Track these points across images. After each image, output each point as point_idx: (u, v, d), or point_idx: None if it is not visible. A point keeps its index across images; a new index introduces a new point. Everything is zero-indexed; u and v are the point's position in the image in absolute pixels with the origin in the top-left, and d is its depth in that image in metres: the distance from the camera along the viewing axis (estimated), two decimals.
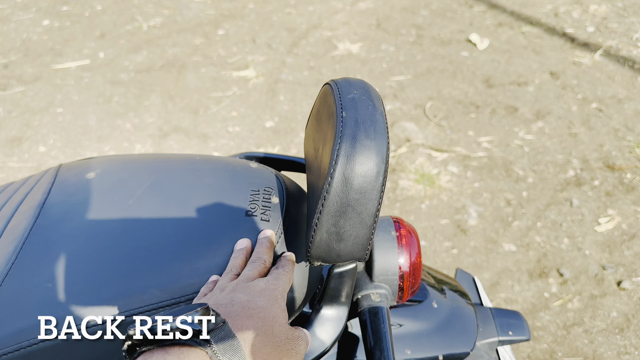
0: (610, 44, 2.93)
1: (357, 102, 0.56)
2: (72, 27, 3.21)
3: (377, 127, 0.54)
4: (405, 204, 2.07)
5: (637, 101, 2.52)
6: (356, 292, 0.68)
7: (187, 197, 0.65)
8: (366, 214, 0.53)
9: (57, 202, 0.68)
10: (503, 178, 2.16)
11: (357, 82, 0.60)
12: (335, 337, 0.60)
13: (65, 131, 2.45)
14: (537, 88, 2.64)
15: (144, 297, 0.57)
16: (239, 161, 0.72)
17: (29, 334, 0.55)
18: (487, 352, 0.80)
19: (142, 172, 0.69)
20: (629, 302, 1.72)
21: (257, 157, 0.86)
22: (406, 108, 2.54)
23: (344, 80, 0.60)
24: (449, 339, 0.74)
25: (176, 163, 0.71)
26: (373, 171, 0.52)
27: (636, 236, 1.91)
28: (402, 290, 0.68)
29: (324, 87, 0.62)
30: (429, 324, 0.74)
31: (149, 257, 0.59)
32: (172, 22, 3.25)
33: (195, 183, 0.67)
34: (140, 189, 0.67)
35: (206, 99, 2.63)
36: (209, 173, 0.68)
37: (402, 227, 0.70)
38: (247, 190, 0.65)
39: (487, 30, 3.11)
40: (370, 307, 0.66)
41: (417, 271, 0.69)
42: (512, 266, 1.85)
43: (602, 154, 2.25)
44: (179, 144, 2.36)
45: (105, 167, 0.73)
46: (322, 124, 0.60)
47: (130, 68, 2.85)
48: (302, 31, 3.15)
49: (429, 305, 0.75)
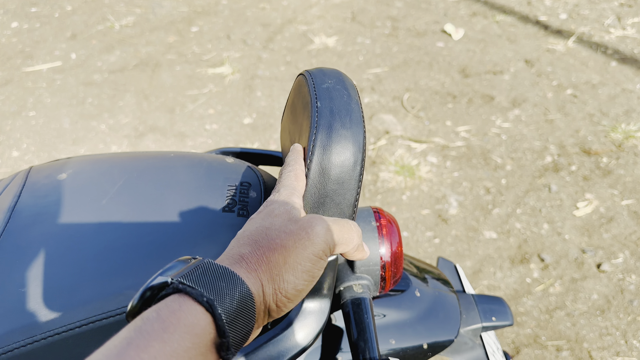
0: (583, 30, 2.97)
1: (331, 92, 0.55)
2: (42, 29, 3.15)
3: (353, 116, 0.53)
4: (386, 195, 2.07)
5: (611, 86, 2.55)
6: (338, 284, 0.67)
7: (162, 194, 0.63)
8: (345, 204, 0.52)
9: (28, 205, 0.66)
10: (482, 167, 2.18)
11: (331, 72, 0.59)
12: (318, 330, 0.59)
13: (39, 135, 2.40)
14: (512, 76, 2.66)
15: (120, 299, 0.56)
16: (214, 157, 0.71)
17: (3, 341, 0.53)
18: (471, 338, 0.80)
19: (114, 171, 0.68)
20: (609, 284, 1.75)
21: (233, 152, 0.85)
22: (384, 100, 2.54)
23: (318, 70, 0.59)
24: (432, 327, 0.74)
25: (150, 160, 0.70)
26: (350, 161, 0.51)
27: (614, 219, 1.94)
28: (384, 280, 0.68)
29: (298, 77, 0.62)
30: (413, 313, 0.74)
31: (124, 258, 0.58)
32: (145, 20, 3.20)
33: (169, 180, 0.65)
34: (113, 189, 0.65)
35: (182, 97, 2.60)
36: (184, 170, 0.67)
37: (382, 217, 0.69)
38: (223, 186, 0.64)
39: (462, 20, 3.12)
40: (352, 298, 0.65)
41: (398, 261, 0.68)
42: (494, 253, 1.86)
43: (578, 139, 2.28)
44: (156, 144, 2.33)
45: (76, 167, 0.71)
46: (298, 115, 0.60)
47: (104, 68, 2.80)
48: (277, 26, 3.13)
49: (411, 294, 0.75)
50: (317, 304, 0.59)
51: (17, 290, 0.57)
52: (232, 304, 0.37)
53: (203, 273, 0.38)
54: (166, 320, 0.34)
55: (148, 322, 0.34)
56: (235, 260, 0.41)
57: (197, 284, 0.36)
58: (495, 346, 0.86)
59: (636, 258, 1.81)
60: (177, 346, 0.33)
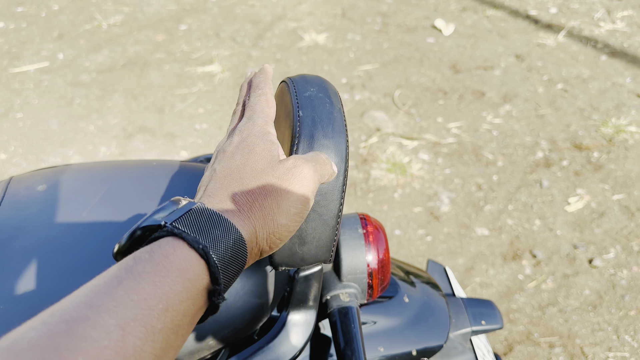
0: (573, 24, 2.96)
1: (314, 100, 0.54)
2: (28, 29, 3.11)
3: (335, 126, 0.52)
4: (378, 194, 2.07)
5: (601, 80, 2.55)
6: (325, 292, 0.67)
7: (144, 205, 0.62)
8: (328, 215, 0.51)
9: (8, 217, 0.65)
10: (473, 163, 2.17)
11: (313, 79, 0.58)
12: (304, 341, 0.58)
13: (27, 137, 2.38)
14: (503, 71, 2.66)
15: None
16: (197, 166, 0.69)
17: None
18: (461, 342, 0.79)
19: (96, 181, 0.66)
20: (601, 280, 1.75)
21: None
22: (375, 97, 2.53)
23: (300, 77, 0.58)
24: (421, 333, 0.73)
25: (131, 170, 0.69)
26: None
27: (605, 214, 1.95)
28: (372, 288, 0.67)
29: (280, 84, 0.60)
30: (401, 319, 0.73)
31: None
32: (133, 19, 3.17)
33: (152, 190, 0.64)
34: (94, 199, 0.64)
35: (171, 96, 2.58)
36: (166, 179, 0.65)
37: (368, 223, 0.68)
38: None
39: (452, 16, 3.11)
40: (339, 307, 0.64)
41: (385, 268, 0.67)
42: (486, 250, 1.86)
43: (569, 134, 2.28)
44: (145, 145, 2.31)
45: (57, 178, 0.69)
46: (280, 124, 0.58)
47: (91, 68, 2.77)
48: (267, 23, 3.11)
49: (400, 300, 0.74)
50: (302, 315, 0.58)
51: None
52: (226, 252, 0.37)
53: (197, 218, 0.38)
54: (159, 263, 0.34)
55: (140, 262, 0.34)
56: (226, 205, 0.41)
57: (192, 229, 0.36)
58: (485, 349, 0.85)
59: (627, 253, 1.82)
60: (169, 289, 0.33)
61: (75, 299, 0.32)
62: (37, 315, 0.32)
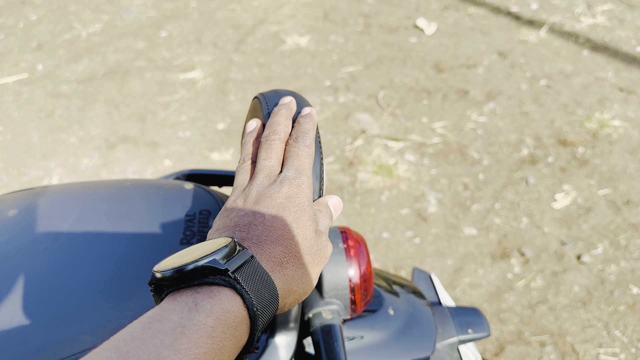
0: (554, 20, 2.97)
1: None
2: (6, 40, 3.06)
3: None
4: (365, 197, 2.05)
5: (584, 75, 2.56)
6: (307, 310, 0.65)
7: (117, 228, 0.60)
8: None
9: None
10: (459, 162, 2.17)
11: (286, 94, 0.56)
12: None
13: (7, 150, 2.34)
14: (486, 69, 2.66)
15: (75, 345, 0.53)
16: (171, 183, 0.68)
17: None
18: (449, 352, 0.78)
19: (67, 205, 0.64)
20: (590, 276, 1.75)
21: (193, 175, 0.82)
22: (359, 99, 2.52)
23: (272, 92, 0.57)
24: (407, 346, 0.72)
25: (104, 191, 0.67)
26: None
27: (592, 209, 1.95)
28: (355, 303, 0.66)
29: (253, 101, 0.59)
30: (387, 332, 0.71)
31: (78, 300, 0.55)
32: (112, 27, 3.13)
33: (125, 212, 0.62)
34: (67, 223, 0.62)
35: (153, 104, 2.55)
36: (140, 200, 0.64)
37: (349, 237, 0.67)
38: (181, 216, 0.61)
39: (434, 15, 3.11)
40: (322, 325, 0.63)
41: (368, 282, 0.66)
42: (474, 250, 1.86)
43: (553, 130, 2.28)
44: (128, 155, 2.28)
45: (28, 202, 0.67)
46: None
47: (72, 79, 2.74)
48: (248, 27, 3.08)
49: (384, 313, 0.73)
50: (283, 337, 0.57)
51: None
52: (266, 313, 0.39)
53: (252, 274, 0.39)
54: (219, 318, 0.35)
55: (201, 313, 0.35)
56: (275, 266, 0.42)
57: (247, 284, 0.38)
58: (474, 357, 0.84)
59: (615, 248, 1.82)
60: (223, 346, 0.35)
61: (142, 345, 0.33)
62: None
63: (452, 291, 1.75)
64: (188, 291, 0.37)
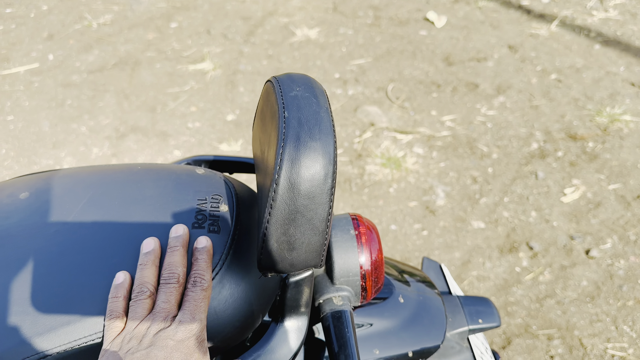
0: (566, 13, 2.95)
1: (300, 100, 0.53)
2: (17, 30, 3.08)
3: (322, 127, 0.50)
4: (373, 189, 2.05)
5: (595, 69, 2.54)
6: (317, 296, 0.65)
7: (129, 211, 0.60)
8: (317, 219, 0.50)
9: None
10: (468, 156, 2.16)
11: (299, 78, 0.56)
12: (296, 349, 0.57)
13: (18, 139, 2.35)
14: (496, 63, 2.64)
15: (87, 325, 0.53)
16: (183, 168, 0.68)
17: None
18: (458, 342, 0.78)
19: (79, 188, 0.65)
20: (598, 270, 1.75)
21: (205, 161, 0.82)
22: (368, 92, 2.51)
23: (286, 76, 0.57)
24: (418, 334, 0.72)
25: (115, 175, 0.67)
26: (320, 174, 0.48)
27: (601, 204, 1.94)
28: (366, 290, 0.66)
29: (266, 84, 0.59)
30: (397, 320, 0.72)
31: (88, 282, 0.55)
32: (123, 18, 3.14)
33: (136, 196, 0.62)
34: (77, 207, 0.62)
35: (163, 95, 2.55)
36: (152, 184, 0.64)
37: (361, 224, 0.67)
38: (193, 200, 0.61)
39: (444, 7, 3.09)
40: (332, 311, 0.63)
41: (379, 269, 0.66)
42: (482, 243, 1.85)
43: (563, 124, 2.27)
44: (138, 145, 2.29)
45: (40, 184, 0.68)
46: (267, 125, 0.57)
47: (82, 69, 2.74)
48: (258, 19, 3.08)
49: (395, 301, 0.73)
50: (294, 322, 0.57)
51: None
52: None
53: None
54: None
55: None
56: None
57: None
58: (483, 347, 0.84)
59: (624, 243, 1.81)
60: None
61: None
62: None
63: (459, 284, 1.75)
64: None
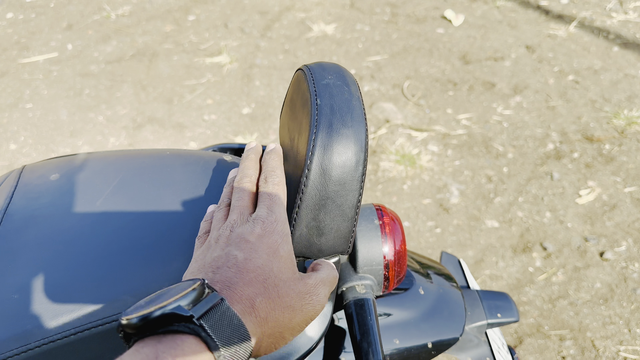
0: (585, 15, 2.93)
1: (332, 88, 0.53)
2: (37, 19, 3.11)
3: (354, 114, 0.51)
4: (387, 185, 2.05)
5: (613, 72, 2.52)
6: (340, 284, 0.66)
7: (158, 195, 0.61)
8: (347, 205, 0.51)
9: (21, 207, 0.64)
10: (483, 155, 2.15)
11: (331, 67, 0.57)
12: (322, 333, 0.57)
13: (36, 127, 2.38)
14: (513, 62, 2.63)
15: (116, 305, 0.54)
16: (211, 155, 0.69)
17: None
18: (477, 335, 0.78)
19: (109, 171, 0.66)
20: (612, 273, 1.74)
21: (231, 149, 0.83)
22: (384, 88, 2.51)
23: (317, 64, 0.57)
24: (437, 326, 0.73)
25: (145, 159, 0.68)
26: (352, 161, 0.49)
27: (616, 206, 1.93)
28: (388, 280, 0.66)
29: (297, 72, 0.59)
30: (417, 311, 0.72)
31: (119, 262, 0.56)
32: (141, 9, 3.16)
33: (166, 180, 0.63)
34: (107, 189, 0.63)
35: (180, 87, 2.57)
36: (181, 169, 0.65)
37: (384, 214, 0.67)
38: (221, 186, 0.62)
39: (462, 6, 3.08)
40: (355, 299, 0.64)
41: (402, 259, 0.67)
42: (496, 242, 1.85)
43: (580, 126, 2.26)
44: (154, 135, 2.30)
45: (70, 167, 0.69)
46: (297, 112, 0.58)
47: (100, 59, 2.77)
48: (275, 14, 3.09)
49: (415, 292, 0.73)
50: None
51: (9, 296, 0.55)
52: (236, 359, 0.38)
53: (221, 319, 0.37)
54: None
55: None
56: (247, 307, 0.40)
57: (215, 331, 0.36)
58: (500, 342, 0.85)
59: (639, 246, 1.80)
60: None
61: None
62: None
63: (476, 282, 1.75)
64: (151, 341, 0.36)
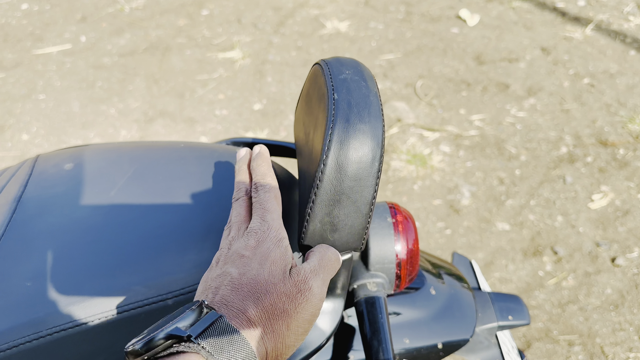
0: (601, 18, 2.90)
1: (349, 83, 0.53)
2: (52, 11, 3.12)
3: (372, 110, 0.50)
4: (397, 185, 2.05)
5: (629, 76, 2.50)
6: (352, 281, 0.65)
7: (171, 186, 0.61)
8: (362, 202, 0.50)
9: (35, 195, 0.65)
10: (495, 156, 2.14)
11: (348, 62, 0.56)
12: (332, 329, 0.57)
13: (49, 118, 2.39)
14: (528, 64, 2.61)
15: (129, 295, 0.54)
16: (225, 148, 0.68)
17: (9, 337, 0.52)
18: (487, 337, 0.78)
19: (123, 161, 0.66)
20: (623, 279, 1.72)
21: (244, 143, 0.82)
22: (397, 87, 2.50)
23: (334, 59, 0.57)
24: (448, 326, 0.72)
25: (159, 151, 0.68)
26: (368, 157, 0.49)
27: (629, 212, 1.91)
28: (400, 279, 0.66)
29: (314, 67, 0.59)
30: (428, 311, 0.71)
31: (132, 252, 0.56)
32: (155, 3, 3.16)
33: (180, 172, 0.63)
34: (121, 180, 0.63)
35: (192, 81, 2.57)
36: (194, 161, 0.64)
37: (398, 213, 0.67)
38: (233, 179, 0.62)
39: (477, 6, 3.06)
40: (366, 297, 0.63)
41: (414, 258, 0.66)
42: (506, 245, 1.84)
43: (594, 129, 2.23)
44: (165, 129, 2.31)
45: (84, 156, 0.69)
46: (313, 107, 0.57)
47: (113, 52, 2.78)
48: (289, 10, 3.08)
49: (426, 292, 0.73)
50: (330, 304, 0.57)
51: (22, 283, 0.55)
52: None
53: (220, 334, 0.38)
54: None
55: None
56: (244, 322, 0.41)
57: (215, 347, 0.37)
58: (510, 345, 0.84)
59: None
60: None
61: None
62: None
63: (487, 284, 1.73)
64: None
